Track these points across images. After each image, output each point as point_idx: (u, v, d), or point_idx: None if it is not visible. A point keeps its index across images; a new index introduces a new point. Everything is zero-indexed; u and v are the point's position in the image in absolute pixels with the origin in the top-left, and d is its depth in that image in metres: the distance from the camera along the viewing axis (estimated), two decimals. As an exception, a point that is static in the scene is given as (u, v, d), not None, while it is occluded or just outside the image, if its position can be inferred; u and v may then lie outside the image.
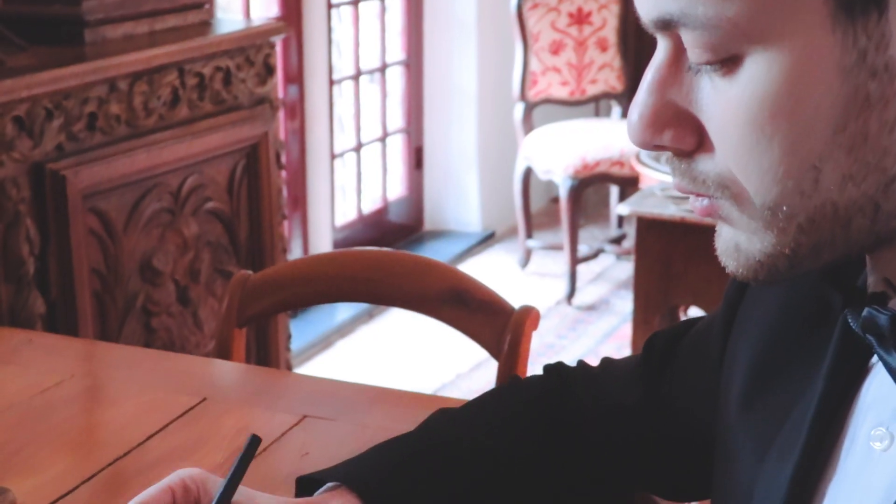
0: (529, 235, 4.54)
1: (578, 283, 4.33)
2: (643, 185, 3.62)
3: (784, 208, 0.66)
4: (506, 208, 4.84)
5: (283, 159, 2.73)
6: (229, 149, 2.49)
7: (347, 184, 4.46)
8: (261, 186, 2.57)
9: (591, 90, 4.55)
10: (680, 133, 0.70)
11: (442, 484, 0.99)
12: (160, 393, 1.35)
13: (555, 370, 1.09)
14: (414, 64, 4.72)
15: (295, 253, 4.04)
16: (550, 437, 1.03)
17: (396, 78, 4.70)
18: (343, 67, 4.37)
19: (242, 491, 0.91)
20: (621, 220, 4.70)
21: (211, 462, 1.20)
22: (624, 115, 4.62)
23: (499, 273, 4.50)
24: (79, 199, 2.13)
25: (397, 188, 4.78)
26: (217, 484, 0.91)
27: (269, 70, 2.61)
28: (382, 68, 4.58)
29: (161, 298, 2.35)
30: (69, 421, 1.31)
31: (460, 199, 4.88)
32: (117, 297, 2.25)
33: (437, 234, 4.87)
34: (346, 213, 4.45)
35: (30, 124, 2.06)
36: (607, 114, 5.00)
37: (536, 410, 1.04)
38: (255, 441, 0.91)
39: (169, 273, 2.37)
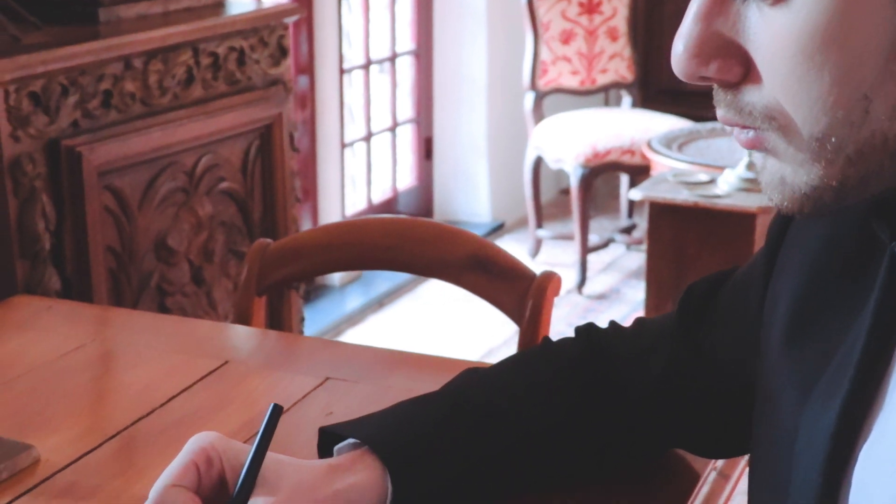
0: (539, 225, 4.53)
1: (589, 273, 4.33)
2: (654, 172, 3.61)
3: (832, 139, 0.66)
4: (515, 199, 4.83)
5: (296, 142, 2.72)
6: (243, 129, 2.48)
7: (357, 173, 4.46)
8: (274, 168, 2.56)
9: (602, 80, 4.54)
10: (726, 64, 0.68)
11: (470, 451, 0.98)
12: (181, 356, 1.35)
13: (586, 331, 1.08)
14: (424, 54, 4.72)
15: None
16: (583, 399, 1.02)
17: (406, 68, 4.70)
18: (353, 57, 4.37)
19: (268, 458, 0.90)
20: (631, 210, 4.69)
21: (236, 422, 1.19)
22: (634, 105, 4.62)
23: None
24: (94, 176, 2.13)
25: (407, 178, 4.77)
26: (239, 450, 0.90)
27: (283, 52, 2.61)
28: (392, 58, 4.58)
29: (175, 278, 2.35)
30: (91, 383, 1.30)
31: (470, 190, 4.87)
32: (132, 276, 2.25)
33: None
34: (355, 203, 4.44)
35: (45, 100, 2.06)
36: (617, 103, 4.99)
37: (568, 372, 1.03)
38: (277, 410, 0.90)
39: (183, 252, 2.36)
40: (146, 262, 2.29)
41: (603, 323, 1.11)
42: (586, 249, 4.27)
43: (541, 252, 4.56)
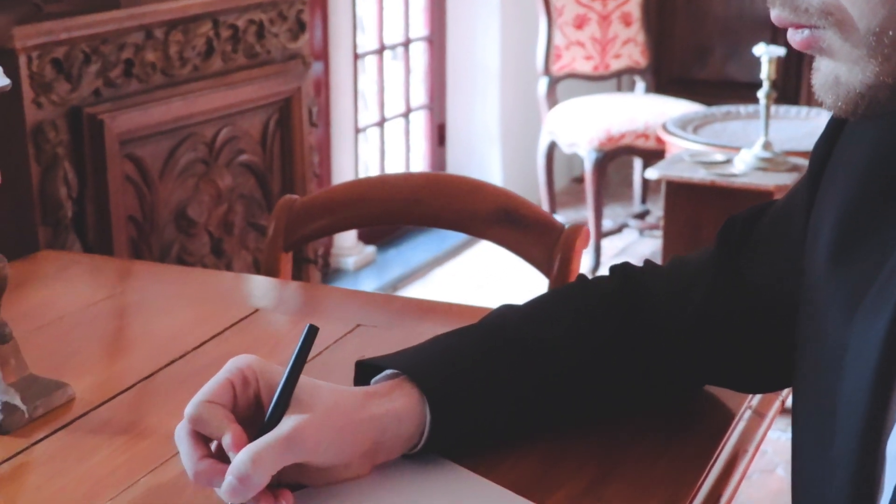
0: (553, 210, 4.53)
1: (602, 258, 4.32)
2: (669, 156, 3.61)
3: (890, 33, 0.65)
4: (528, 185, 4.82)
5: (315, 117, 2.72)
6: (262, 102, 2.49)
7: (371, 159, 4.46)
8: (293, 141, 2.57)
9: (615, 65, 4.54)
10: None
11: (508, 381, 0.98)
12: (210, 306, 1.35)
13: (621, 269, 1.07)
14: (437, 40, 4.72)
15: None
16: (620, 333, 1.02)
17: (420, 54, 4.70)
18: (367, 44, 4.37)
19: (303, 381, 0.90)
20: (645, 196, 4.69)
21: (267, 364, 1.19)
22: (648, 90, 4.61)
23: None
24: (116, 144, 2.13)
25: (420, 164, 4.77)
26: (275, 372, 0.91)
27: (301, 26, 2.61)
28: (406, 44, 4.58)
29: (195, 249, 2.35)
30: (122, 329, 1.30)
31: (483, 176, 4.87)
32: (153, 245, 2.25)
33: (460, 212, 4.86)
34: (369, 188, 4.44)
35: (68, 67, 2.07)
36: (629, 89, 4.99)
37: (605, 307, 1.03)
38: (312, 330, 0.91)
39: (203, 224, 2.37)
40: (166, 232, 2.29)
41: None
42: (600, 234, 4.27)
43: (554, 238, 4.56)
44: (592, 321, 1.02)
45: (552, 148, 4.43)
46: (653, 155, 4.12)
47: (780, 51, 3.19)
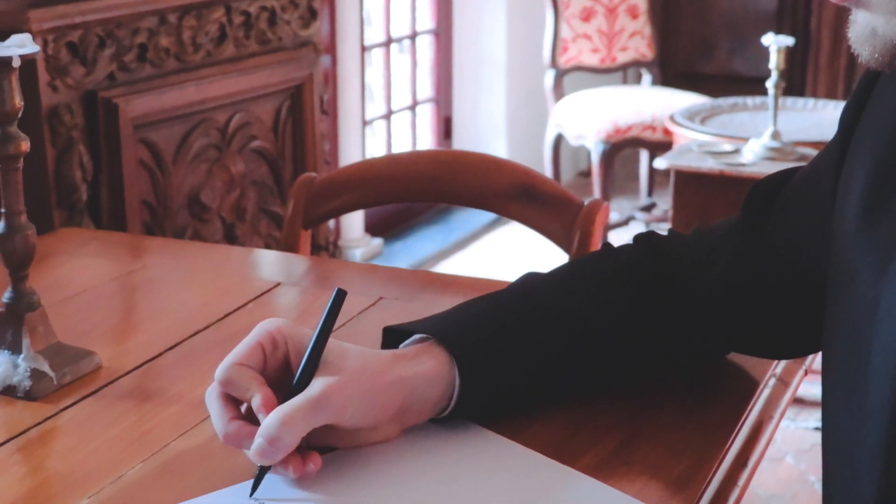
0: (559, 203, 4.53)
1: (609, 250, 4.32)
2: (677, 147, 3.62)
3: None
4: (534, 179, 4.83)
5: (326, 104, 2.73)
6: (274, 88, 2.50)
7: (377, 151, 4.46)
8: (305, 128, 2.57)
9: (622, 58, 4.54)
10: None
11: (535, 347, 0.98)
12: (233, 279, 1.35)
13: (646, 238, 1.08)
14: (444, 33, 4.72)
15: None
16: (645, 300, 1.02)
17: (426, 47, 4.70)
18: (373, 37, 4.38)
19: (332, 344, 0.91)
20: (651, 189, 4.69)
21: (291, 335, 1.20)
22: (654, 82, 4.62)
23: (530, 241, 4.49)
24: (130, 128, 2.14)
25: (426, 158, 4.77)
26: (304, 335, 0.91)
27: (313, 14, 2.62)
28: (413, 37, 4.59)
29: (208, 234, 2.36)
30: (145, 301, 1.31)
31: (489, 170, 4.87)
32: (166, 230, 2.26)
33: (466, 205, 4.86)
34: (376, 181, 4.45)
35: (83, 51, 2.07)
36: (635, 83, 4.99)
37: (630, 274, 1.03)
38: (340, 294, 0.91)
39: (216, 209, 2.37)
40: (180, 217, 2.30)
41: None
42: (607, 227, 4.27)
43: (560, 230, 4.56)
44: (618, 288, 1.03)
45: (559, 141, 4.44)
46: (660, 147, 4.12)
47: (789, 40, 3.19)
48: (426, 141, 4.77)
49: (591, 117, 4.20)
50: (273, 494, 0.88)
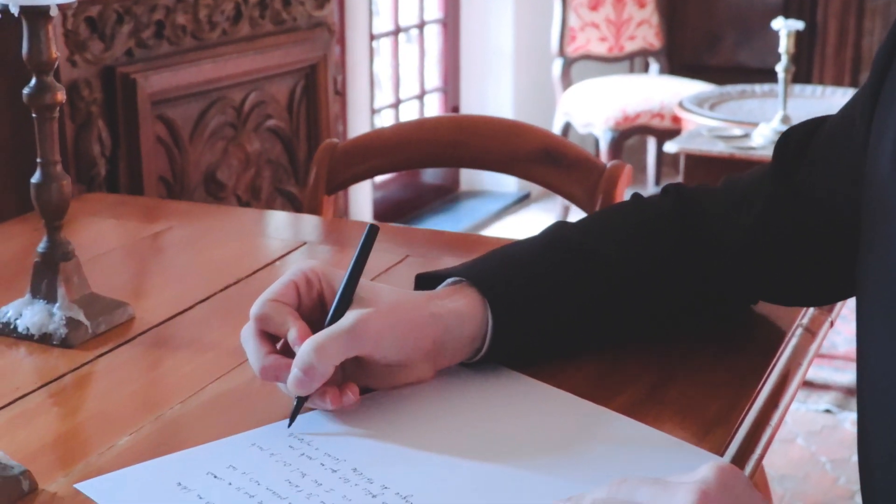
0: (567, 192, 4.54)
1: (617, 239, 4.34)
2: (687, 131, 3.63)
3: None
4: (542, 168, 4.84)
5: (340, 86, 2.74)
6: (289, 68, 2.51)
7: (386, 141, 4.47)
8: (319, 109, 2.58)
9: (630, 46, 4.55)
10: None
11: (567, 291, 0.99)
12: (261, 239, 1.37)
13: (675, 188, 1.08)
14: (451, 22, 4.73)
15: (338, 205, 4.06)
16: (678, 250, 1.02)
17: (434, 37, 4.71)
18: (381, 26, 4.39)
19: (364, 282, 0.91)
20: (659, 178, 4.70)
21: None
22: (661, 72, 4.63)
23: (535, 231, 4.50)
24: (148, 104, 2.15)
25: (434, 147, 4.78)
26: (338, 275, 0.92)
27: (327, -6, 2.63)
28: (420, 26, 4.60)
29: (224, 212, 2.37)
30: (176, 258, 1.32)
31: (497, 159, 4.88)
32: (183, 207, 2.27)
33: (473, 195, 4.88)
34: (384, 170, 4.46)
35: (101, 27, 2.08)
36: (642, 72, 5.00)
37: (663, 224, 1.03)
38: (373, 229, 0.92)
39: (232, 188, 2.38)
40: (196, 194, 2.31)
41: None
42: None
43: (569, 219, 4.57)
44: (651, 237, 1.03)
45: (567, 129, 4.45)
46: (668, 134, 4.13)
47: (799, 24, 3.20)
48: (434, 131, 4.77)
49: (599, 105, 4.22)
50: (311, 429, 0.89)
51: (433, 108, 4.76)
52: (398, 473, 0.84)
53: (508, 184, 4.88)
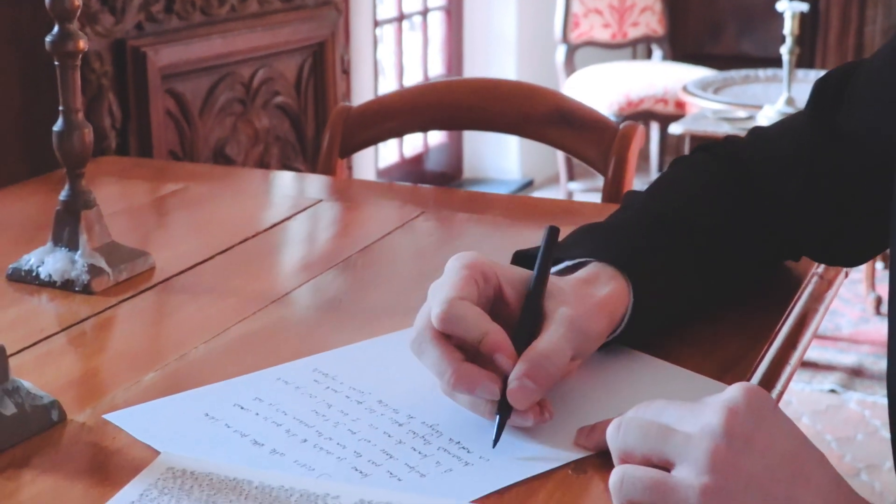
0: (571, 178, 4.55)
1: (621, 225, 4.34)
2: (691, 114, 3.63)
3: None
4: (544, 156, 4.85)
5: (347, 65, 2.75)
6: (297, 45, 2.52)
7: (389, 127, 4.48)
8: (326, 87, 2.59)
9: (633, 33, 4.56)
10: None
11: (685, 267, 0.96)
12: (276, 196, 1.38)
13: (704, 149, 1.05)
14: (455, 10, 4.74)
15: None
16: (747, 210, 1.00)
17: (437, 24, 4.72)
18: (385, 13, 4.39)
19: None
20: (662, 165, 4.71)
21: (340, 244, 1.21)
22: (665, 57, 4.64)
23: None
24: (158, 78, 2.16)
25: (437, 135, 4.79)
26: (510, 267, 0.88)
27: (334, -27, 2.64)
28: (424, 13, 4.60)
29: (233, 187, 2.38)
30: (193, 214, 1.33)
31: (499, 147, 4.89)
32: (193, 181, 2.28)
33: (476, 182, 4.89)
34: (388, 156, 4.47)
35: (112, 0, 2.09)
36: (645, 59, 5.01)
37: (727, 187, 1.02)
38: (553, 230, 0.89)
39: (240, 163, 2.39)
40: (205, 169, 2.32)
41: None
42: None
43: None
44: (725, 201, 1.00)
45: (570, 116, 4.46)
46: (672, 120, 4.14)
47: (803, 6, 3.21)
48: (437, 118, 4.78)
49: (603, 91, 4.22)
50: (335, 366, 0.90)
51: (436, 95, 4.76)
52: (424, 404, 0.85)
53: (511, 171, 4.88)
